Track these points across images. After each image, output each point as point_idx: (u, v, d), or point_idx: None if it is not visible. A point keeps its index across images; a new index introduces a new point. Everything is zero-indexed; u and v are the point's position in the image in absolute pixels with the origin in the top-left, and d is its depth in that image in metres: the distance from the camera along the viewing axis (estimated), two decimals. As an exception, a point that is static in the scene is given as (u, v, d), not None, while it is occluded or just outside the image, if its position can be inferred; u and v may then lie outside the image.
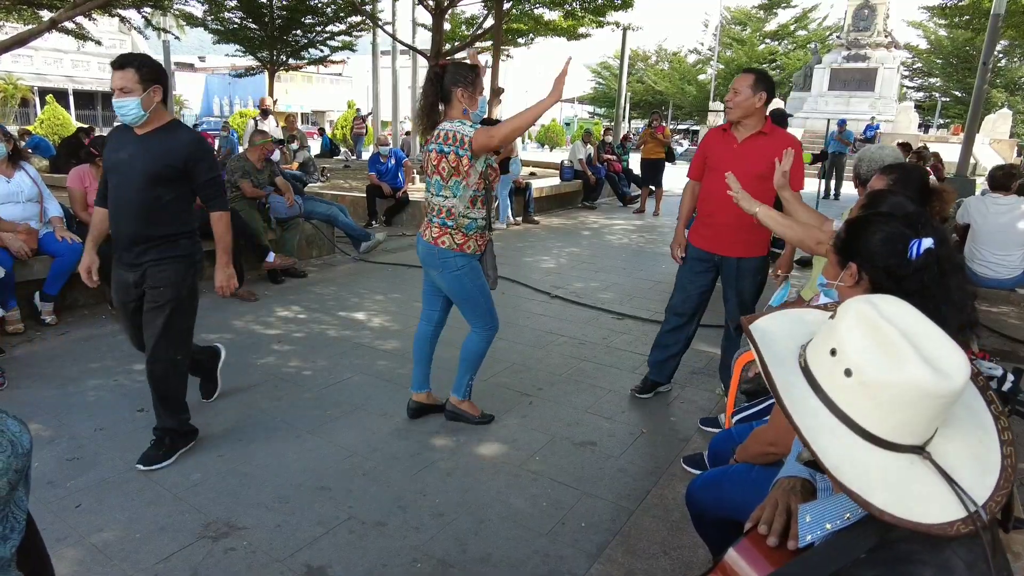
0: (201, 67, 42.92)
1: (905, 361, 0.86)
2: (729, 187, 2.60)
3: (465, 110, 2.85)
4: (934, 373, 0.85)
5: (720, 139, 3.20)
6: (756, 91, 2.99)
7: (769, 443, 1.50)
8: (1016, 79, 33.55)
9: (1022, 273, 5.13)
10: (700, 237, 3.32)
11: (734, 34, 36.97)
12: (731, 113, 3.08)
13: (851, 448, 0.90)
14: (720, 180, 3.07)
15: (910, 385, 0.85)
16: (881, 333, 0.89)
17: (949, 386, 0.85)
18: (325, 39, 15.59)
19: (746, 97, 3.01)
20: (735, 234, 3.15)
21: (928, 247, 1.34)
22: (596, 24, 12.51)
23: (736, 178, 2.92)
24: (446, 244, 2.91)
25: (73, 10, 8.23)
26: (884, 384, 0.87)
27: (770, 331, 1.09)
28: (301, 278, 5.89)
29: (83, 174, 4.65)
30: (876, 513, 0.86)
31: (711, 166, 3.22)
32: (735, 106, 3.04)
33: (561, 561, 2.25)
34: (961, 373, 0.86)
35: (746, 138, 3.09)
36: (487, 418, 3.23)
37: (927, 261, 1.34)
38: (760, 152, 3.05)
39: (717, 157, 3.18)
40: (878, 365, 0.88)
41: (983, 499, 0.87)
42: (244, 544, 2.27)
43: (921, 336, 0.89)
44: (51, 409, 3.23)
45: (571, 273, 6.48)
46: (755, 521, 1.19)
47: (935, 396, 0.85)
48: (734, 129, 3.14)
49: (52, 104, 21.85)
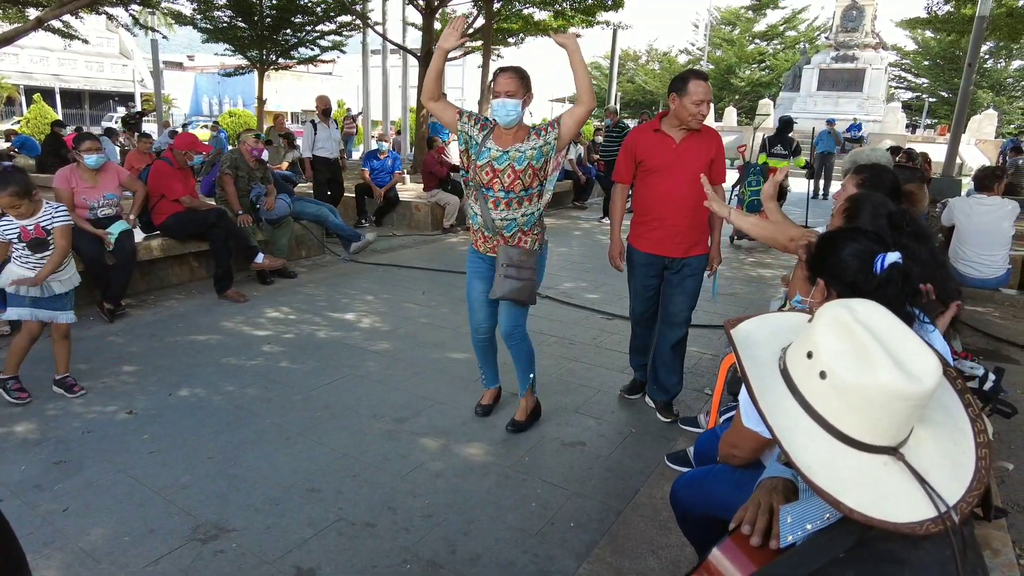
0: (190, 66, 42.60)
1: (877, 364, 0.88)
2: (703, 191, 2.57)
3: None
4: (905, 376, 0.87)
5: (656, 141, 3.12)
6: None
7: (731, 445, 1.52)
8: (1001, 80, 33.94)
9: (1006, 273, 5.20)
10: (647, 241, 3.22)
11: (724, 34, 37.14)
12: (699, 122, 3.02)
13: (825, 449, 0.93)
14: (667, 183, 3.12)
15: (881, 387, 0.88)
16: (854, 337, 0.91)
17: (919, 388, 0.87)
18: (315, 39, 15.51)
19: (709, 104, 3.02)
20: (686, 235, 3.15)
21: (893, 262, 1.31)
22: (586, 24, 12.53)
23: (682, 179, 3.02)
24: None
25: (60, 8, 8.15)
26: (856, 386, 0.90)
27: (753, 334, 1.11)
28: (291, 279, 5.88)
29: (69, 175, 4.62)
30: (846, 512, 0.88)
31: (652, 168, 3.13)
32: (704, 116, 3.01)
33: (550, 561, 2.27)
34: (931, 376, 0.88)
35: (683, 138, 3.07)
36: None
37: (891, 275, 1.31)
38: (698, 151, 3.07)
39: (659, 160, 3.11)
40: (851, 368, 0.90)
41: (955, 500, 0.89)
42: (233, 546, 2.27)
43: (893, 340, 0.91)
44: (37, 412, 3.21)
45: (561, 273, 6.49)
46: (739, 521, 1.21)
47: (905, 398, 0.88)
48: (667, 130, 3.09)
49: (39, 103, 21.65)
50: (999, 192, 5.22)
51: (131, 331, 4.41)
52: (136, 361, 3.88)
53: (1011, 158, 14.42)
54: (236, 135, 12.67)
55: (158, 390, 3.50)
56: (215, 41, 15.15)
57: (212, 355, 4.02)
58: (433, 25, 11.23)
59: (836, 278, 1.40)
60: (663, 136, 3.10)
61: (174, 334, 4.37)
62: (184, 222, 5.21)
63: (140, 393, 3.45)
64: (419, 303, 5.30)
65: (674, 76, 3.13)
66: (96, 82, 34.14)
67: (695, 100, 2.94)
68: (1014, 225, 5.10)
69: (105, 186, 4.74)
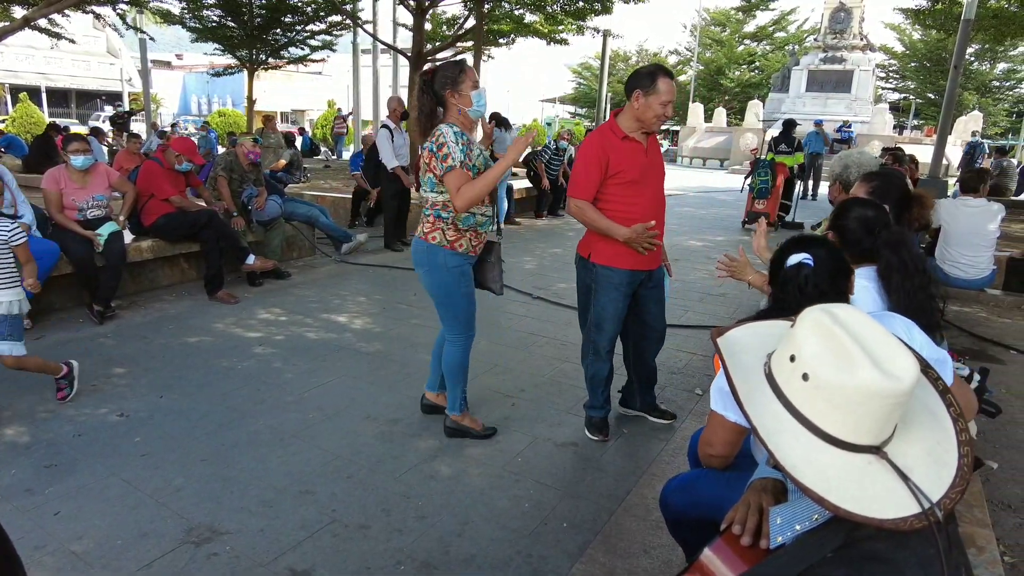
0: (179, 65, 42.31)
1: (856, 365, 0.91)
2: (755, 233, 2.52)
3: (460, 109, 2.77)
4: (883, 375, 0.90)
5: (626, 148, 2.81)
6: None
7: (706, 443, 1.55)
8: (987, 82, 34.34)
9: (991, 273, 5.27)
10: (632, 258, 2.88)
11: (714, 35, 37.33)
12: (660, 124, 2.82)
13: (810, 449, 0.95)
14: (647, 193, 2.87)
15: (861, 386, 0.91)
16: (835, 339, 0.95)
17: (898, 386, 0.91)
18: (305, 38, 15.47)
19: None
20: (660, 247, 3.00)
21: (800, 261, 1.46)
22: (576, 30, 12.57)
23: (659, 187, 2.91)
24: (437, 240, 2.80)
25: (47, 8, 8.09)
26: (837, 386, 0.93)
27: (739, 341, 1.14)
28: (284, 280, 5.87)
29: (58, 176, 4.59)
30: (831, 509, 0.91)
31: (631, 179, 2.81)
32: (668, 118, 2.81)
33: (543, 561, 2.28)
34: (909, 374, 0.92)
35: (648, 142, 2.87)
36: (489, 431, 3.12)
37: (795, 273, 1.46)
38: (657, 154, 2.94)
39: (636, 169, 2.81)
40: (831, 368, 0.93)
41: (938, 496, 0.91)
42: (227, 549, 2.27)
43: (872, 341, 0.94)
44: (27, 415, 3.19)
45: (553, 274, 6.52)
46: (730, 521, 1.23)
47: (885, 397, 0.91)
48: (633, 135, 2.82)
49: (25, 102, 21.43)
50: (984, 194, 5.30)
51: (121, 333, 4.38)
52: (127, 363, 3.87)
53: (996, 159, 14.60)
54: (226, 135, 12.59)
55: (149, 392, 3.48)
56: (204, 40, 15.07)
57: (204, 357, 4.01)
58: (424, 26, 11.22)
59: (774, 281, 1.56)
60: (632, 143, 2.82)
61: (165, 336, 4.36)
62: (174, 223, 5.18)
63: (131, 395, 3.44)
64: (411, 304, 5.31)
65: (634, 71, 2.80)
66: (83, 81, 33.84)
67: (663, 100, 2.70)
68: (999, 227, 5.17)
69: (95, 187, 4.71)
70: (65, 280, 4.64)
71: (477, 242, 2.88)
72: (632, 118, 2.81)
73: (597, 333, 3.05)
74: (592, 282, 3.00)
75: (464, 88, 2.75)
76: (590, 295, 3.04)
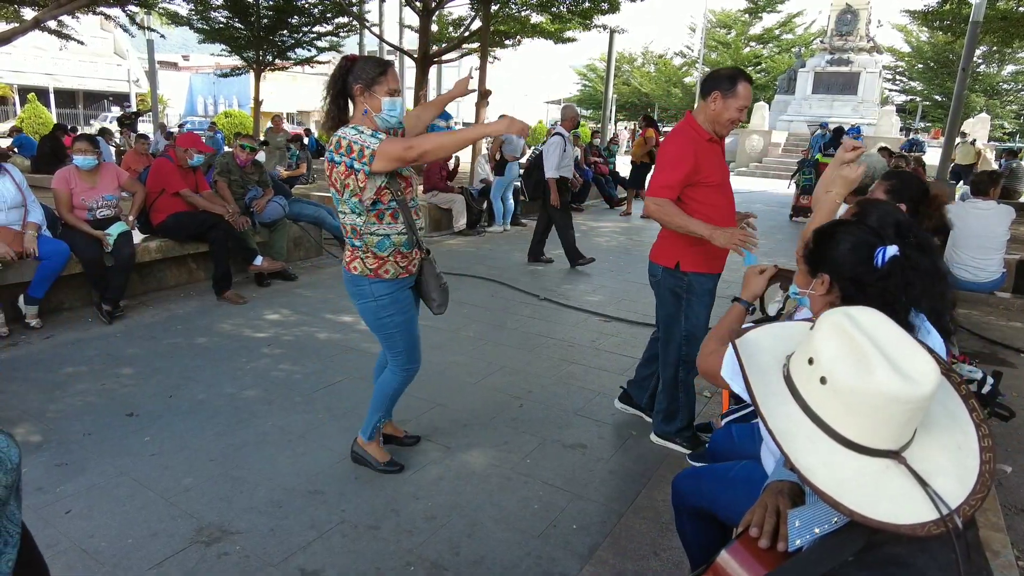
0: (185, 66, 42.46)
1: (875, 368, 0.91)
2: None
3: (366, 111, 2.44)
4: (903, 380, 0.89)
5: (711, 150, 2.80)
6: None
7: (703, 355, 1.58)
8: (994, 84, 34.17)
9: (1001, 276, 5.25)
10: (717, 261, 2.84)
11: (719, 37, 37.25)
12: (731, 130, 2.82)
13: (826, 452, 0.95)
14: (726, 196, 2.84)
15: (880, 391, 0.90)
16: (854, 342, 0.94)
17: (917, 391, 0.90)
18: (312, 40, 15.50)
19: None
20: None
21: (893, 255, 1.34)
22: (583, 28, 12.58)
23: (731, 190, 2.89)
24: (358, 270, 2.51)
25: (58, 9, 8.13)
26: (856, 390, 0.92)
27: (756, 342, 1.14)
28: (291, 281, 5.88)
29: (68, 175, 4.61)
30: (846, 513, 0.90)
31: (713, 182, 2.78)
32: (738, 124, 2.79)
33: (553, 563, 2.28)
34: (929, 380, 0.91)
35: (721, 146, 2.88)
36: (394, 467, 2.80)
37: (892, 268, 1.34)
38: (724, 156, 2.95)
39: (719, 172, 2.81)
40: (850, 372, 0.92)
41: (957, 503, 0.90)
42: (237, 549, 2.28)
43: (892, 345, 0.94)
44: (38, 414, 3.21)
45: (559, 276, 6.51)
46: (747, 524, 1.22)
47: (904, 401, 0.90)
48: (715, 137, 2.81)
49: (33, 102, 21.55)
50: (994, 196, 5.27)
51: (130, 333, 4.40)
52: (135, 363, 3.88)
53: (1006, 161, 14.52)
54: (233, 136, 12.63)
55: (158, 392, 3.49)
56: (212, 42, 15.12)
57: (212, 357, 4.02)
58: (430, 27, 11.25)
59: (836, 272, 1.42)
60: (716, 144, 2.79)
61: (173, 336, 4.37)
62: (183, 223, 5.20)
63: (140, 395, 3.45)
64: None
65: (713, 71, 2.79)
66: (90, 82, 33.97)
67: (740, 105, 2.66)
68: (1009, 229, 5.15)
69: (104, 187, 4.73)
70: (74, 280, 4.66)
71: (407, 263, 2.57)
72: (708, 119, 2.75)
73: (689, 345, 2.89)
74: (684, 292, 2.86)
75: (379, 90, 2.42)
76: (679, 307, 2.89)
